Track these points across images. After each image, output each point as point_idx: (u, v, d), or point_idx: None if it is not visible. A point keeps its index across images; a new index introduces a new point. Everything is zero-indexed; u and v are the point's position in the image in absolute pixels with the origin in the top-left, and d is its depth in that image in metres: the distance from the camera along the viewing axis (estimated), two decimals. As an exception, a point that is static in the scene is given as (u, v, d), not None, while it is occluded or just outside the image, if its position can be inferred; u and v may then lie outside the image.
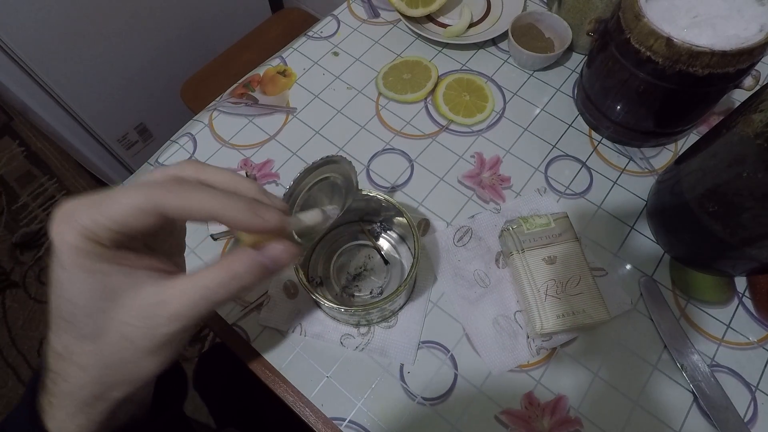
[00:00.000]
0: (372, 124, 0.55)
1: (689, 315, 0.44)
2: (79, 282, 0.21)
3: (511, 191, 0.50)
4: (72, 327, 0.22)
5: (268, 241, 0.23)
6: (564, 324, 0.39)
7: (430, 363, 0.42)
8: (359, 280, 0.45)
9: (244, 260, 0.22)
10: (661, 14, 0.41)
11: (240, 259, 0.22)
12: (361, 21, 0.63)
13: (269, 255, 0.23)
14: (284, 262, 0.23)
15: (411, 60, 0.59)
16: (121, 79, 1.02)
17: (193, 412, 0.93)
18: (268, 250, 0.23)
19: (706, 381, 0.40)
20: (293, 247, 0.24)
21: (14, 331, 1.19)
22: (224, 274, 0.22)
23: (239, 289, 0.22)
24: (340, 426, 0.40)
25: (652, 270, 0.46)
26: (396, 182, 0.51)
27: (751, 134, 0.34)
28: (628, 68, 0.44)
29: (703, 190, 0.40)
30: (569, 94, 0.57)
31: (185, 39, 1.09)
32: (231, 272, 0.22)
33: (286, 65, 0.60)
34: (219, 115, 0.56)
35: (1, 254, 1.29)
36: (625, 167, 0.51)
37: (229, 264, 0.22)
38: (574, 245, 0.42)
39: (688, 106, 0.46)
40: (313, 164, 0.32)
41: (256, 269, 0.22)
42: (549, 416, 0.40)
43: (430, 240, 0.47)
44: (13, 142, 1.47)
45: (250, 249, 0.23)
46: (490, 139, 0.53)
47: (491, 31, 0.60)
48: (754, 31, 0.39)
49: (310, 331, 0.43)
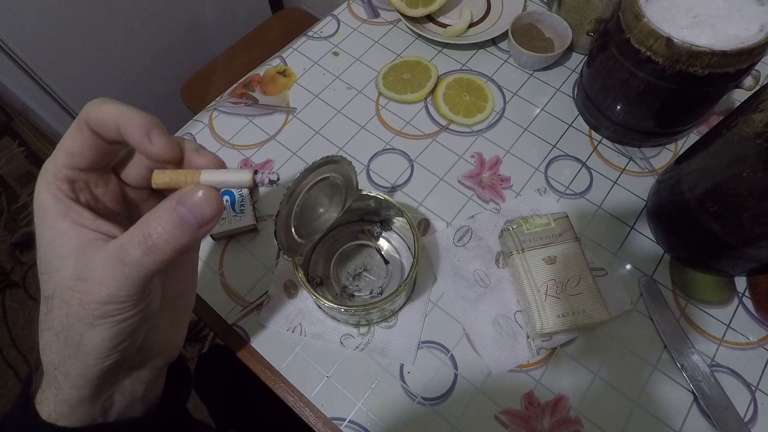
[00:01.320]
0: (372, 124, 0.55)
1: (689, 315, 0.44)
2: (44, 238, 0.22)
3: (511, 191, 0.50)
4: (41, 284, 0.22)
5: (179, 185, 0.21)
6: (564, 324, 0.39)
7: (430, 363, 0.42)
8: (359, 280, 0.45)
9: (160, 213, 0.20)
10: (661, 14, 0.41)
11: (156, 212, 0.20)
12: (361, 21, 0.63)
13: (186, 202, 0.20)
14: (207, 213, 0.21)
15: (411, 60, 0.59)
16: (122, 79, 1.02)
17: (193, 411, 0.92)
18: (185, 197, 0.20)
19: (706, 381, 0.40)
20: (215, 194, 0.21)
21: (14, 331, 1.19)
22: (137, 230, 0.20)
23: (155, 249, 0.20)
24: (340, 426, 0.40)
25: (652, 270, 0.46)
26: (396, 182, 0.51)
27: (751, 134, 0.34)
28: (628, 68, 0.44)
29: (703, 190, 0.40)
30: (569, 94, 0.57)
31: (185, 39, 1.09)
32: (144, 228, 0.20)
33: (286, 65, 0.60)
34: (219, 115, 0.56)
35: (1, 254, 1.29)
36: (625, 167, 0.51)
37: (146, 219, 0.21)
38: (574, 245, 0.42)
39: (688, 106, 0.46)
40: (313, 164, 0.32)
41: (173, 224, 0.20)
42: (549, 416, 0.40)
43: (430, 240, 0.47)
44: (13, 142, 1.47)
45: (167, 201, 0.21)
46: (490, 139, 0.53)
47: (491, 31, 0.60)
48: (754, 31, 0.39)
49: (310, 331, 0.43)
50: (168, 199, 0.21)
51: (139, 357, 0.25)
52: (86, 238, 0.22)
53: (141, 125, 0.21)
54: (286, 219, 0.33)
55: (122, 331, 0.21)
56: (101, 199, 0.24)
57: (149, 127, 0.22)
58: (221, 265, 0.47)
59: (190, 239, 0.21)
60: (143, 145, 0.22)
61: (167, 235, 0.20)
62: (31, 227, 1.31)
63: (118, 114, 0.21)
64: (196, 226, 0.21)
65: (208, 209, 0.21)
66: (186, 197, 0.21)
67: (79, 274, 0.21)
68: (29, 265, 1.28)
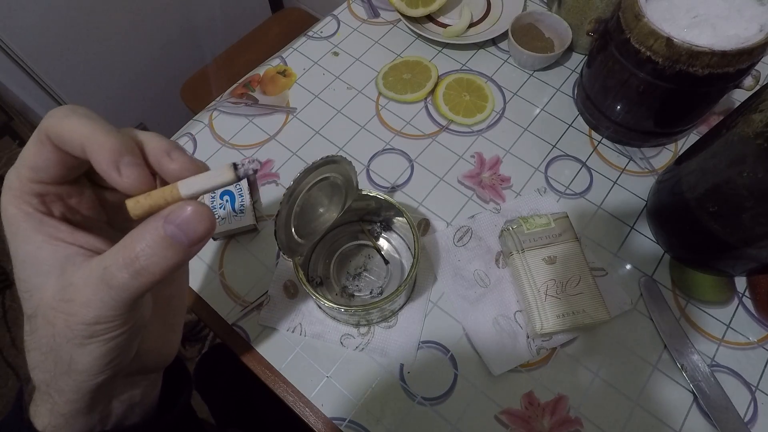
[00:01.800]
0: (372, 124, 0.55)
1: (689, 315, 0.44)
2: (19, 253, 0.20)
3: (511, 191, 0.50)
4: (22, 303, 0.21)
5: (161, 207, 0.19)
6: (564, 324, 0.39)
7: (430, 363, 0.42)
8: (359, 280, 0.45)
9: (146, 234, 0.18)
10: (661, 14, 0.41)
11: (140, 235, 0.18)
12: (361, 21, 0.63)
13: (175, 220, 0.18)
14: (199, 230, 0.19)
15: (411, 60, 0.59)
16: (122, 79, 1.02)
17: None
18: (173, 215, 0.18)
19: (706, 381, 0.40)
20: (205, 209, 0.19)
21: (14, 331, 1.19)
22: (124, 254, 0.18)
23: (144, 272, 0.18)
24: (340, 426, 0.40)
25: (652, 270, 0.46)
26: (396, 182, 0.51)
27: (751, 134, 0.34)
28: (628, 68, 0.44)
29: (703, 190, 0.40)
30: (569, 94, 0.57)
31: (185, 39, 1.09)
32: (130, 250, 0.18)
33: (286, 65, 0.60)
34: (219, 115, 0.56)
35: (1, 254, 1.29)
36: (625, 167, 0.51)
37: (131, 240, 0.19)
38: (574, 245, 0.42)
39: (688, 106, 0.46)
40: (313, 164, 0.32)
41: (163, 244, 0.18)
42: (549, 416, 0.40)
43: (430, 240, 0.47)
44: (13, 142, 1.47)
45: (153, 219, 0.19)
46: (490, 139, 0.53)
47: (491, 31, 0.60)
48: (754, 31, 0.39)
49: (310, 331, 0.43)
50: (154, 218, 0.19)
51: (135, 364, 0.24)
52: (65, 253, 0.20)
53: (109, 153, 0.19)
54: (286, 219, 0.33)
55: (114, 348, 0.20)
56: (76, 208, 0.22)
57: (119, 155, 0.19)
58: (221, 265, 0.47)
59: (181, 259, 0.19)
60: (110, 176, 0.19)
61: (156, 256, 0.18)
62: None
63: (83, 136, 0.19)
64: (187, 244, 0.19)
65: (201, 226, 0.19)
66: (174, 215, 0.18)
67: (63, 294, 0.19)
68: (29, 265, 1.28)
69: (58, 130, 0.19)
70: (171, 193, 0.19)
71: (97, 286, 0.19)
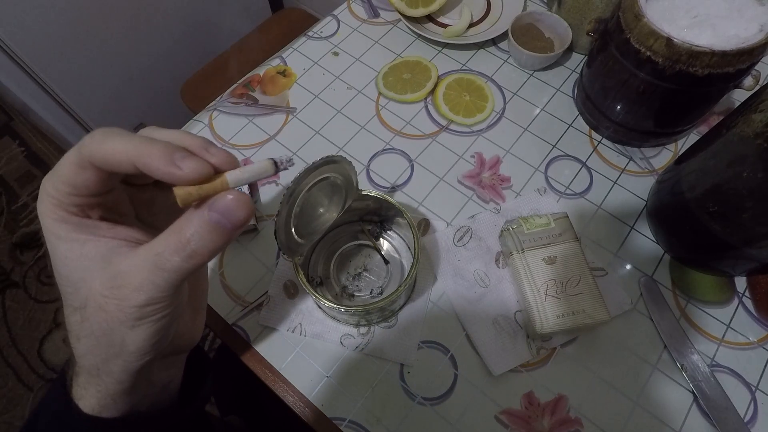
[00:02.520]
0: (372, 124, 0.55)
1: (689, 315, 0.44)
2: (60, 252, 0.22)
3: (511, 191, 0.50)
4: (65, 298, 0.23)
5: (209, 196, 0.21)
6: (564, 324, 0.39)
7: (430, 363, 0.42)
8: (359, 280, 0.45)
9: (193, 221, 0.21)
10: (661, 14, 0.41)
11: (189, 220, 0.21)
12: (361, 21, 0.63)
13: (219, 208, 0.21)
14: (240, 216, 0.21)
15: (411, 60, 0.59)
16: (121, 79, 1.02)
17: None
18: (216, 203, 0.21)
19: (706, 381, 0.40)
20: (245, 197, 0.21)
21: (14, 331, 1.19)
22: (173, 238, 0.21)
23: (195, 254, 0.21)
24: (340, 426, 0.40)
25: (652, 270, 0.46)
26: (396, 182, 0.51)
27: (751, 134, 0.34)
28: (628, 68, 0.44)
29: (703, 190, 0.40)
30: (569, 94, 0.57)
31: (185, 39, 1.09)
32: (181, 236, 0.21)
33: (286, 65, 0.60)
34: (219, 115, 0.56)
35: (1, 254, 1.29)
36: (625, 167, 0.51)
37: (179, 227, 0.21)
38: (574, 245, 0.42)
39: (688, 106, 0.46)
40: (313, 164, 0.32)
41: (209, 229, 0.21)
42: (549, 416, 0.40)
43: (430, 240, 0.47)
44: (13, 142, 1.47)
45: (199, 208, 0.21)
46: (490, 139, 0.53)
47: (491, 31, 0.60)
48: (754, 31, 0.39)
49: (310, 331, 0.43)
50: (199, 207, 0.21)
51: (171, 346, 0.26)
52: (108, 246, 0.22)
53: (162, 155, 0.20)
54: (286, 219, 0.33)
55: (161, 328, 0.23)
56: (112, 207, 0.24)
57: (171, 154, 0.20)
58: (221, 265, 0.47)
59: (225, 241, 0.22)
60: (171, 174, 0.20)
61: (204, 240, 0.21)
62: (31, 227, 1.32)
63: (131, 151, 0.20)
64: (230, 229, 0.21)
65: (241, 212, 0.21)
66: (217, 203, 0.21)
67: (113, 281, 0.21)
68: (29, 265, 1.28)
69: (102, 155, 0.20)
70: (221, 183, 0.21)
71: (151, 270, 0.21)
